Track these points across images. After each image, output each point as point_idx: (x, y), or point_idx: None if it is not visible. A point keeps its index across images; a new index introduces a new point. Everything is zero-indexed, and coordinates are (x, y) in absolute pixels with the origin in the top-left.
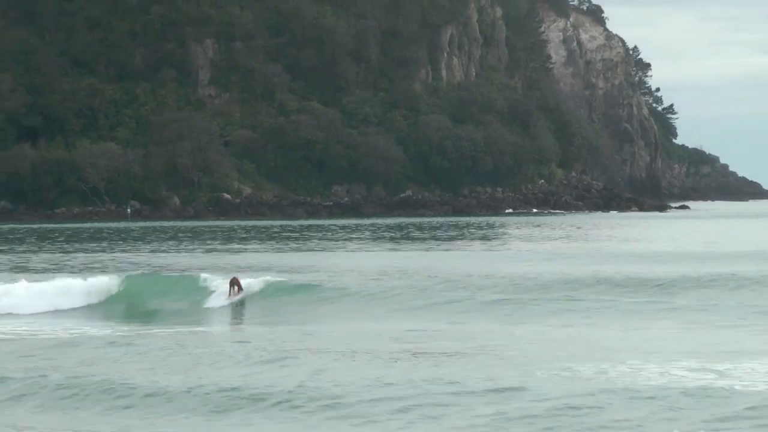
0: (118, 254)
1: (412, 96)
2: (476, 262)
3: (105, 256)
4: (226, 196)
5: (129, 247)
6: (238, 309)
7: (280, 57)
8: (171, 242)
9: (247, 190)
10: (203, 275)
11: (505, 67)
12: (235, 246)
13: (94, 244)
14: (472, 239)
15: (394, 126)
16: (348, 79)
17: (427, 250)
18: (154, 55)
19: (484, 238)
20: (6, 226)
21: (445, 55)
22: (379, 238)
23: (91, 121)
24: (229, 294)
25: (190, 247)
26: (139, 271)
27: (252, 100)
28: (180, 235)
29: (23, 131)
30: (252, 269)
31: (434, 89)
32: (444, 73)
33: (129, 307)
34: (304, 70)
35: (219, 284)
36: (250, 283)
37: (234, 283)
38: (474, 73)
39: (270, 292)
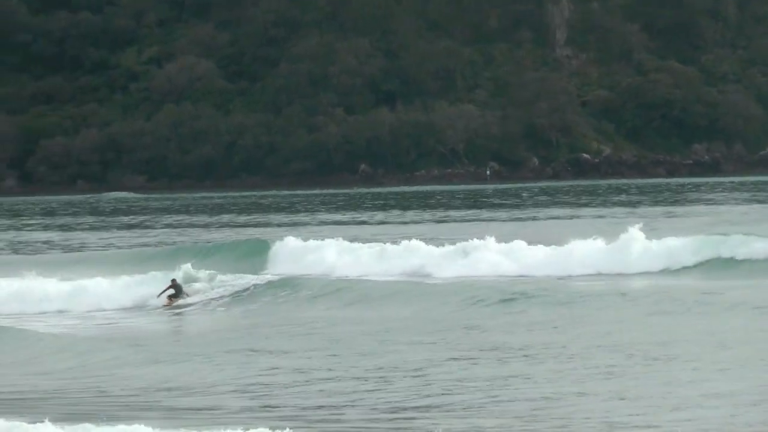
0: None
1: None
2: None
3: None
4: (585, 156)
5: None
6: None
7: (637, 16)
8: None
9: (606, 150)
10: None
11: None
12: None
13: None
14: None
15: (753, 83)
16: (706, 38)
17: None
18: (510, 16)
19: None
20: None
21: None
22: None
23: (448, 84)
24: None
25: None
26: None
27: (609, 60)
28: None
29: (381, 95)
30: None
31: None
32: None
33: None
34: (661, 29)
35: None
36: None
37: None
38: None
39: None
